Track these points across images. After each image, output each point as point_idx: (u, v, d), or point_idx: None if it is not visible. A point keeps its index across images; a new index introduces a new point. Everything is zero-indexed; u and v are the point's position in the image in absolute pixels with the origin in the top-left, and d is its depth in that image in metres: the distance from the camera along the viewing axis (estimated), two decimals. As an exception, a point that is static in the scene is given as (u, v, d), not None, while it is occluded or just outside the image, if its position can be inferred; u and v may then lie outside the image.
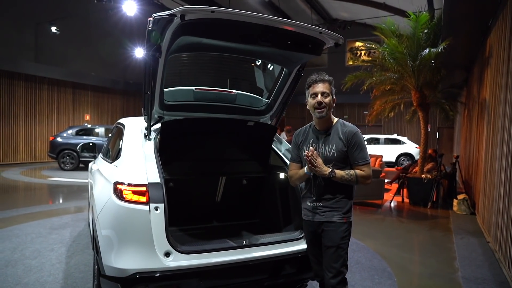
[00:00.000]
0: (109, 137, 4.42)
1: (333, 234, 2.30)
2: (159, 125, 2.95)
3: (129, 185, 2.35)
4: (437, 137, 18.44)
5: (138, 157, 2.61)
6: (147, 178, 2.40)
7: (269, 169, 3.58)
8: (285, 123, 17.19)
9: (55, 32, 15.11)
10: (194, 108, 3.14)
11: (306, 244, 2.58)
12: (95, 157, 4.59)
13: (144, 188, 2.34)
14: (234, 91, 3.26)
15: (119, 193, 2.36)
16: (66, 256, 4.19)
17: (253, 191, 3.77)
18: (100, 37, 17.14)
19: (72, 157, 12.51)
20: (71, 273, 3.70)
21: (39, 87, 15.56)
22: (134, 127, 3.06)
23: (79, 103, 17.34)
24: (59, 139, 12.69)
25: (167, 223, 2.32)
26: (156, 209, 2.30)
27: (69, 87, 16.70)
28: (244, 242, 2.69)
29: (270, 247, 2.61)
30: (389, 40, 7.73)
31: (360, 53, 20.30)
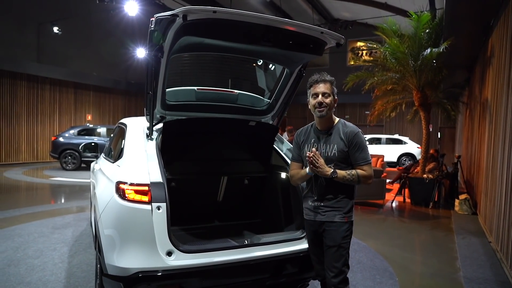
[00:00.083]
0: (111, 137, 4.43)
1: (334, 233, 2.31)
2: (161, 125, 2.96)
3: (132, 184, 2.37)
4: (439, 137, 18.40)
5: (140, 157, 2.63)
6: (149, 178, 2.41)
7: (271, 169, 3.58)
8: (286, 123, 17.20)
9: (57, 32, 15.14)
10: (196, 108, 3.15)
11: (307, 244, 2.59)
12: (97, 157, 4.60)
13: (146, 188, 2.35)
14: (235, 91, 3.27)
15: (121, 193, 2.37)
16: (68, 255, 4.21)
17: (254, 191, 3.78)
18: (102, 37, 17.18)
19: (74, 157, 12.53)
20: (73, 272, 3.72)
21: (41, 87, 15.61)
22: (136, 127, 3.07)
23: (81, 103, 17.38)
24: (61, 139, 12.72)
25: (169, 222, 2.33)
26: (158, 208, 2.31)
27: (71, 87, 16.74)
28: (246, 241, 2.70)
29: (271, 246, 2.62)
30: (390, 40, 7.72)
31: (362, 53, 20.27)
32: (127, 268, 2.26)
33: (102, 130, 13.31)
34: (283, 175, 3.38)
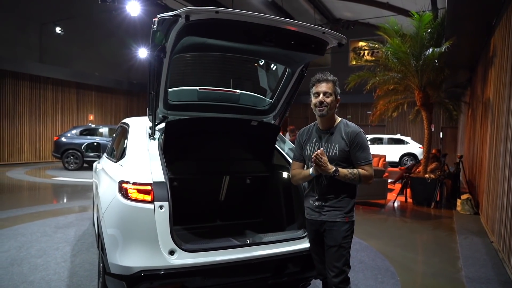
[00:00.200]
0: (113, 136, 4.45)
1: (335, 233, 2.31)
2: (163, 125, 2.97)
3: (134, 184, 2.38)
4: (441, 137, 18.38)
5: (143, 156, 2.64)
6: (152, 177, 2.42)
7: (273, 169, 3.59)
8: (288, 123, 17.20)
9: (59, 32, 15.20)
10: (198, 108, 3.17)
11: (309, 243, 2.59)
12: (99, 157, 4.62)
13: (149, 187, 2.36)
14: (237, 91, 3.28)
15: (124, 192, 2.39)
16: (71, 254, 4.23)
17: (256, 190, 3.78)
18: (104, 37, 17.23)
19: (76, 157, 12.57)
20: (76, 271, 3.74)
21: (43, 87, 15.66)
22: (138, 126, 3.09)
23: (83, 103, 17.43)
24: (63, 139, 12.76)
25: (171, 221, 2.35)
26: (161, 207, 2.32)
27: (73, 87, 16.80)
28: (248, 240, 2.71)
29: (273, 245, 2.63)
30: (392, 40, 7.72)
31: (364, 53, 20.29)
32: (129, 267, 2.28)
33: (104, 130, 13.35)
34: (285, 174, 3.39)
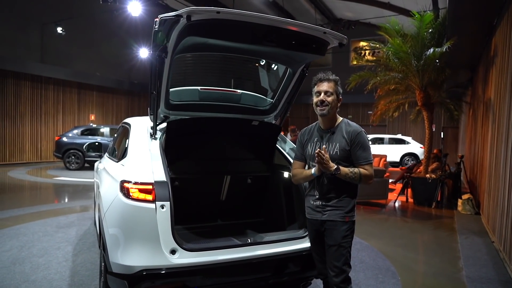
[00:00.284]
0: (115, 136, 4.46)
1: (334, 233, 2.32)
2: (164, 125, 2.98)
3: (136, 183, 2.39)
4: (442, 137, 18.36)
5: (144, 156, 2.65)
6: (153, 177, 2.43)
7: (273, 168, 3.60)
8: (289, 123, 17.20)
9: (60, 32, 15.23)
10: (199, 108, 3.17)
11: (310, 243, 2.60)
12: (101, 157, 4.63)
13: (151, 187, 2.37)
14: (238, 90, 3.29)
15: (126, 191, 2.39)
16: (72, 254, 4.24)
17: (257, 190, 3.79)
18: (105, 37, 17.25)
19: (77, 157, 12.59)
20: (77, 270, 3.75)
21: (45, 87, 15.69)
22: (140, 126, 3.10)
23: (84, 103, 17.45)
24: (64, 139, 12.79)
25: (173, 221, 2.36)
26: (162, 207, 2.33)
27: (74, 87, 16.82)
28: (249, 240, 2.71)
29: (274, 245, 2.64)
30: (393, 40, 7.72)
31: (364, 53, 20.28)
32: (131, 266, 2.29)
33: (106, 130, 13.37)
34: (285, 174, 3.40)
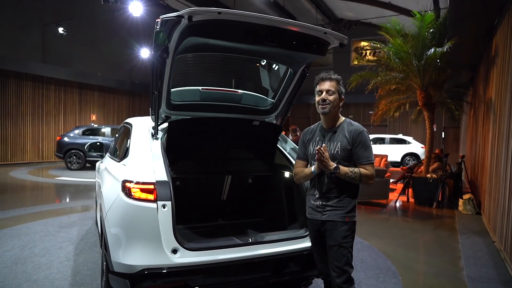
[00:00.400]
0: (116, 136, 4.47)
1: (335, 233, 2.32)
2: (166, 125, 2.99)
3: (138, 183, 2.40)
4: (443, 137, 18.35)
5: (145, 156, 2.66)
6: (155, 177, 2.44)
7: (274, 168, 3.61)
8: (290, 123, 17.20)
9: (62, 33, 15.25)
10: (201, 108, 3.18)
11: (310, 242, 2.61)
12: (102, 157, 4.65)
13: (152, 186, 2.38)
14: (239, 91, 3.30)
15: (127, 191, 2.41)
16: (74, 254, 4.26)
17: (258, 190, 3.80)
18: (106, 37, 17.28)
19: (78, 157, 12.62)
20: (79, 270, 3.76)
21: (46, 87, 15.72)
22: (141, 126, 3.11)
23: (85, 103, 17.48)
24: (66, 139, 12.82)
25: (174, 220, 2.37)
26: (164, 206, 2.34)
27: (75, 87, 16.85)
28: (250, 239, 2.72)
29: (275, 244, 2.65)
30: (394, 40, 7.72)
31: (365, 53, 20.27)
32: (133, 265, 2.30)
33: (107, 130, 13.39)
34: (286, 174, 3.41)
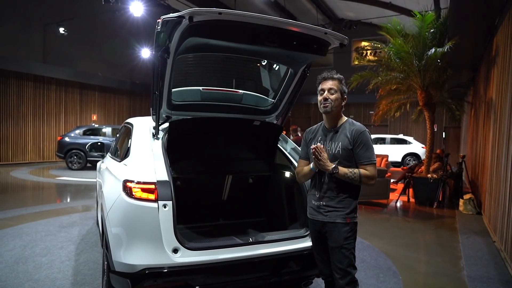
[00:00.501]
0: (117, 136, 4.48)
1: (336, 234, 2.31)
2: (167, 125, 3.00)
3: (138, 182, 2.41)
4: (444, 136, 18.35)
5: (146, 156, 2.67)
6: (156, 176, 2.45)
7: (275, 168, 3.62)
8: (290, 123, 17.19)
9: (62, 33, 15.26)
10: (201, 108, 3.19)
11: (311, 242, 2.61)
12: (103, 156, 4.66)
13: (153, 186, 2.39)
14: (240, 91, 3.31)
15: (128, 191, 2.42)
16: (75, 253, 4.27)
17: (259, 190, 3.81)
18: (107, 37, 17.30)
19: (79, 157, 12.64)
20: (80, 270, 3.77)
21: (47, 88, 15.74)
22: (142, 126, 3.12)
23: (86, 103, 17.50)
24: (66, 139, 12.83)
25: (175, 220, 2.37)
26: (165, 206, 2.35)
27: (76, 87, 16.87)
28: (250, 239, 2.73)
29: (275, 244, 2.65)
30: (394, 40, 7.73)
31: (366, 53, 20.26)
32: (134, 265, 2.31)
33: (108, 130, 13.41)
34: (287, 174, 3.41)
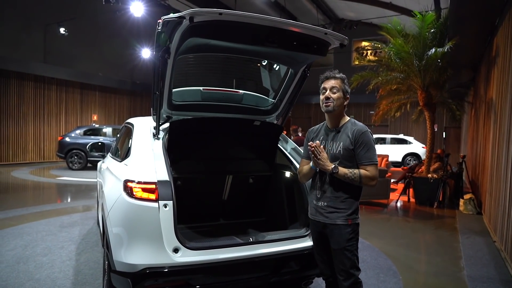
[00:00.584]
0: (117, 136, 4.49)
1: (338, 237, 2.28)
2: (167, 125, 3.01)
3: (139, 182, 2.42)
4: (444, 137, 18.34)
5: (147, 156, 2.68)
6: (157, 176, 2.46)
7: (275, 168, 3.62)
8: (291, 123, 17.20)
9: (63, 33, 15.28)
10: (202, 108, 3.20)
11: (311, 242, 2.61)
12: (104, 156, 4.67)
13: (154, 186, 2.40)
14: (240, 91, 3.32)
15: (129, 191, 2.42)
16: (76, 253, 4.28)
17: (259, 190, 3.81)
18: (107, 38, 17.31)
19: (80, 157, 12.65)
20: (81, 269, 3.78)
21: (47, 88, 15.75)
22: (143, 126, 3.13)
23: (86, 103, 17.52)
24: (67, 139, 12.84)
25: (175, 220, 2.38)
26: (165, 206, 2.36)
27: (77, 87, 16.89)
28: (251, 239, 2.74)
29: (276, 244, 2.66)
30: (395, 40, 7.73)
31: (366, 53, 20.25)
32: (134, 265, 2.31)
33: (108, 130, 13.42)
34: (287, 174, 3.42)
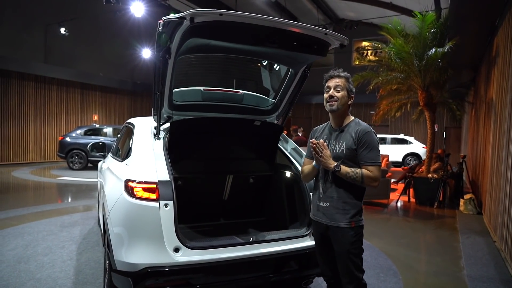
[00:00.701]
0: (118, 136, 4.50)
1: (341, 239, 2.24)
2: (168, 125, 3.02)
3: (140, 182, 2.43)
4: (444, 137, 18.34)
5: (148, 156, 2.69)
6: (157, 176, 2.47)
7: (275, 168, 3.63)
8: (291, 123, 17.21)
9: (64, 33, 15.29)
10: (202, 108, 3.21)
11: (311, 241, 2.61)
12: (104, 156, 4.68)
13: (154, 186, 2.41)
14: (241, 91, 3.33)
15: (130, 190, 2.43)
16: (76, 253, 4.29)
17: (259, 190, 3.82)
18: (108, 38, 17.33)
19: (80, 157, 12.66)
20: (81, 269, 3.79)
21: (48, 88, 15.76)
22: (143, 126, 3.14)
23: (87, 103, 17.53)
24: (68, 139, 12.85)
25: (176, 219, 2.39)
26: (166, 206, 2.37)
27: (77, 87, 16.90)
28: (251, 238, 2.75)
29: (276, 243, 2.67)
30: (395, 40, 7.74)
31: (367, 53, 20.26)
32: (135, 264, 2.33)
33: (108, 130, 13.43)
34: (287, 174, 3.43)
